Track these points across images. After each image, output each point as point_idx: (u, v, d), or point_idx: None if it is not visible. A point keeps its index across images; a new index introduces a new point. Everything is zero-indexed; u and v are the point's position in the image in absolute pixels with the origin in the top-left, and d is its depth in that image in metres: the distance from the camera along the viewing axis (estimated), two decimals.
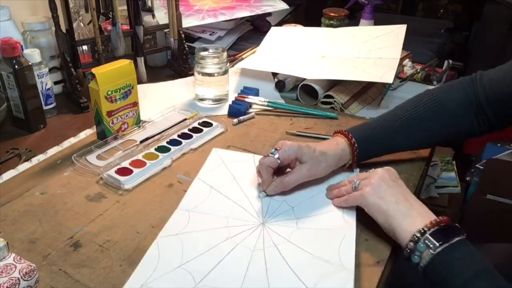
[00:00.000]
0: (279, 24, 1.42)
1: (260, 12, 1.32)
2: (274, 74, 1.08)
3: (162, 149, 0.82)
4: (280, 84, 1.05)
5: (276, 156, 0.69)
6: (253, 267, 0.58)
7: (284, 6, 1.37)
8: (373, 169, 0.67)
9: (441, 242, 0.54)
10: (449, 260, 0.53)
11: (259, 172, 0.71)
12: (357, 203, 0.64)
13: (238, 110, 0.95)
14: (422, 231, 0.56)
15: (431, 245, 0.54)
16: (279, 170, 0.72)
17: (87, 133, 0.89)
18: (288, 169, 0.73)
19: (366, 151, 0.75)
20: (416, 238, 0.56)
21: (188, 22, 1.23)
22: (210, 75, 0.97)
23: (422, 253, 0.55)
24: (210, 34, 1.31)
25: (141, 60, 1.09)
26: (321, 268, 0.57)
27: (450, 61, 1.15)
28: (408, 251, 0.56)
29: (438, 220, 0.57)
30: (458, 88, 0.74)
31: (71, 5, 1.02)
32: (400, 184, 0.64)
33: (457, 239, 0.54)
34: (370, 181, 0.63)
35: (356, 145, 0.73)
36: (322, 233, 0.64)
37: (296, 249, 0.61)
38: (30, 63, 0.86)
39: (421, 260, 0.55)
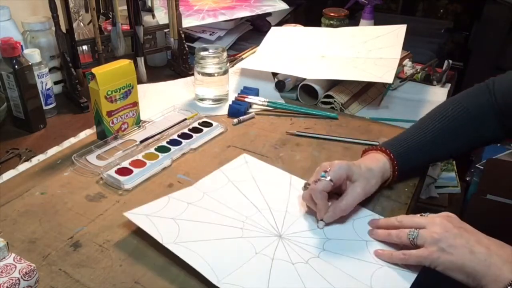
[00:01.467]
0: (279, 24, 1.42)
1: (260, 12, 1.32)
2: (274, 74, 1.08)
3: (162, 149, 0.82)
4: (280, 84, 1.05)
5: (328, 178, 0.63)
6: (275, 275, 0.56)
7: (284, 6, 1.37)
8: (428, 213, 0.61)
9: None
10: None
11: (310, 200, 0.65)
12: (422, 263, 0.56)
13: (238, 110, 0.95)
14: None
15: None
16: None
17: (87, 133, 0.89)
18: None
19: (405, 165, 0.72)
20: None
21: (188, 22, 1.23)
22: (210, 75, 0.97)
23: None
24: (210, 34, 1.31)
25: (141, 60, 1.09)
26: None
27: (450, 61, 1.15)
28: None
29: None
30: (478, 94, 0.74)
31: (71, 5, 1.02)
32: (467, 228, 0.57)
33: None
34: (432, 235, 0.56)
35: (396, 160, 0.71)
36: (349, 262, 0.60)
37: (315, 273, 0.57)
38: (30, 63, 0.86)
39: None
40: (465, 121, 0.73)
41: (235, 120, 0.93)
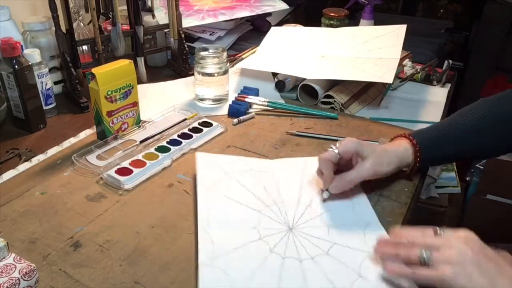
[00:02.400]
0: (279, 24, 1.42)
1: (260, 12, 1.32)
2: (274, 74, 1.08)
3: (162, 149, 0.82)
4: (280, 84, 1.05)
5: (336, 150, 0.66)
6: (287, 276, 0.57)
7: (284, 6, 1.37)
8: (443, 230, 0.54)
9: None
10: None
11: (319, 171, 0.68)
12: (433, 284, 0.50)
13: (238, 110, 0.95)
14: None
15: None
16: (338, 172, 0.68)
17: (87, 133, 0.89)
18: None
19: (429, 156, 0.72)
20: None
21: (188, 22, 1.23)
22: (210, 75, 0.97)
23: None
24: (210, 34, 1.31)
25: (141, 60, 1.09)
26: None
27: (450, 61, 1.15)
28: None
29: None
30: (510, 99, 0.72)
31: (71, 5, 1.02)
32: (488, 253, 0.50)
33: None
34: (447, 257, 0.50)
35: (419, 146, 0.70)
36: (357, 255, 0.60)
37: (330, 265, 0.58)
38: (30, 63, 0.86)
39: None
40: (494, 122, 0.71)
41: (235, 120, 0.93)
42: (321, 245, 0.61)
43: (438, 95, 1.08)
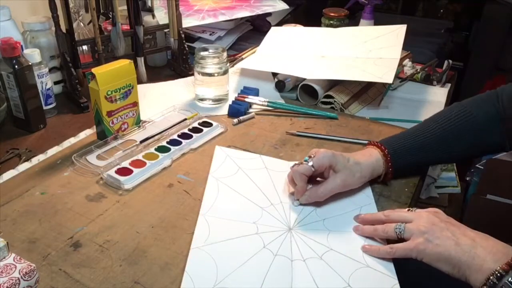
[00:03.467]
0: (279, 24, 1.42)
1: (260, 12, 1.32)
2: (274, 74, 1.08)
3: (162, 149, 0.82)
4: (280, 84, 1.05)
5: (310, 163, 0.67)
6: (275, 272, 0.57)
7: (284, 6, 1.37)
8: (415, 209, 0.62)
9: None
10: None
11: (292, 180, 0.69)
12: (409, 255, 0.57)
13: (238, 110, 0.95)
14: (498, 274, 0.50)
15: None
16: (311, 178, 0.69)
17: (87, 133, 0.89)
18: (319, 178, 0.71)
19: (400, 163, 0.72)
20: (492, 283, 0.50)
21: (188, 22, 1.23)
22: (210, 75, 0.97)
23: None
24: (210, 34, 1.31)
25: (141, 60, 1.09)
26: None
27: (450, 61, 1.15)
28: None
29: None
30: (487, 101, 0.73)
31: (71, 5, 1.02)
32: (453, 222, 0.58)
33: None
34: (418, 228, 0.57)
35: (390, 156, 0.71)
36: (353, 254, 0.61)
37: (325, 268, 0.58)
38: (30, 63, 0.86)
39: None
40: (469, 126, 0.72)
41: (235, 120, 0.93)
42: (317, 248, 0.61)
43: (438, 95, 1.08)
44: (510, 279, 0.50)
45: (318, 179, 0.71)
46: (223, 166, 0.77)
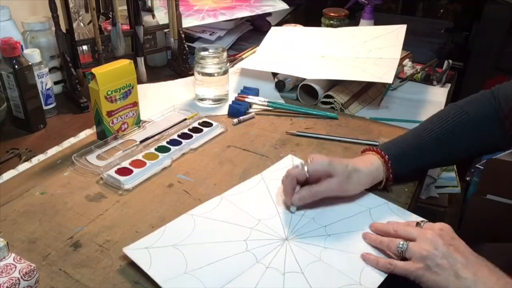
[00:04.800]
0: (279, 24, 1.42)
1: (260, 12, 1.32)
2: (274, 74, 1.08)
3: (162, 149, 0.82)
4: (280, 84, 1.05)
5: (306, 169, 0.66)
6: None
7: (284, 6, 1.37)
8: (424, 222, 0.61)
9: None
10: None
11: (284, 182, 0.68)
12: (407, 276, 0.56)
13: (238, 110, 0.95)
14: None
15: None
16: (307, 183, 0.68)
17: (87, 133, 0.89)
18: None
19: (401, 169, 0.71)
20: None
21: (188, 22, 1.23)
22: (210, 75, 0.97)
23: None
24: (210, 34, 1.31)
25: (141, 60, 1.09)
26: None
27: (450, 61, 1.15)
28: None
29: None
30: (482, 101, 0.73)
31: (71, 5, 1.02)
32: (458, 246, 0.56)
33: None
34: (420, 251, 0.55)
35: (390, 162, 0.70)
36: (351, 257, 0.60)
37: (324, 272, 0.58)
38: (30, 63, 0.86)
39: None
40: (466, 126, 0.72)
41: (235, 120, 0.93)
42: (314, 254, 0.60)
43: (438, 95, 1.08)
44: None
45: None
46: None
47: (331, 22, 1.29)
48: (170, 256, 0.59)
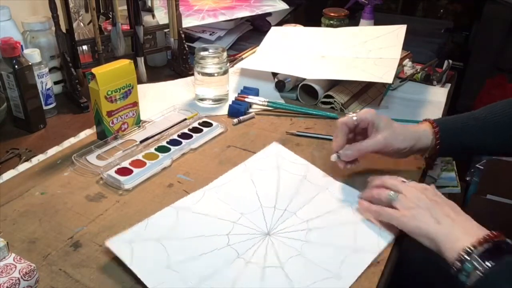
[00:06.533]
0: (279, 24, 1.42)
1: (260, 12, 1.32)
2: (274, 74, 1.08)
3: (162, 149, 0.82)
4: (280, 84, 1.05)
5: (355, 117, 0.70)
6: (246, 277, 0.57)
7: (284, 6, 1.37)
8: (410, 181, 0.65)
9: (489, 263, 0.52)
10: (498, 283, 0.51)
11: (335, 134, 0.71)
12: (391, 222, 0.62)
13: (238, 110, 0.95)
14: (469, 250, 0.53)
15: (479, 266, 0.52)
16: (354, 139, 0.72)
17: (87, 133, 0.89)
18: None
19: (449, 144, 0.72)
20: (463, 258, 0.53)
21: (188, 22, 1.23)
22: (210, 75, 0.97)
23: (470, 273, 0.53)
24: (210, 34, 1.31)
25: (141, 60, 1.09)
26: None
27: (450, 61, 1.15)
28: (455, 270, 0.54)
29: (486, 237, 0.54)
30: None
31: (71, 5, 1.02)
32: (440, 201, 0.61)
33: (508, 259, 0.52)
34: (406, 202, 0.61)
35: (439, 133, 0.72)
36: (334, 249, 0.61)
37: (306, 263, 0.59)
38: (30, 63, 0.86)
39: (468, 279, 0.53)
40: None
41: (235, 120, 0.93)
42: (295, 246, 0.61)
43: (438, 95, 1.08)
44: (477, 253, 0.53)
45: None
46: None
47: (331, 22, 1.29)
48: (152, 250, 0.60)
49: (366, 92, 1.03)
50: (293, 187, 0.72)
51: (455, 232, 0.57)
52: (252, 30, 1.42)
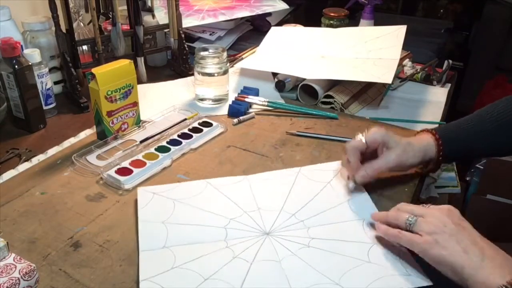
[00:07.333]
0: (279, 24, 1.42)
1: (260, 12, 1.32)
2: (274, 74, 1.08)
3: (162, 149, 0.82)
4: (280, 84, 1.05)
5: (364, 139, 0.68)
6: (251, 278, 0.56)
7: (284, 6, 1.37)
8: (429, 205, 0.60)
9: None
10: None
11: (346, 160, 0.69)
12: (412, 248, 0.56)
13: (238, 110, 0.95)
14: None
15: None
16: (365, 159, 0.70)
17: (87, 133, 0.89)
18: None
19: (452, 151, 0.72)
20: None
21: (188, 22, 1.23)
22: (210, 75, 0.97)
23: None
24: (210, 34, 1.31)
25: (141, 60, 1.09)
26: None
27: (450, 61, 1.15)
28: None
29: None
30: None
31: (71, 5, 1.02)
32: (466, 226, 0.56)
33: None
34: (428, 226, 0.55)
35: (441, 142, 0.71)
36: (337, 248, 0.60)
37: (304, 266, 0.58)
38: (30, 63, 0.86)
39: None
40: None
41: (235, 120, 0.93)
42: (296, 244, 0.61)
43: (438, 95, 1.08)
44: None
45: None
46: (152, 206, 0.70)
47: (331, 22, 1.29)
48: (165, 207, 0.67)
49: (366, 92, 1.03)
50: (311, 194, 0.71)
51: (486, 265, 0.51)
52: (252, 30, 1.42)
